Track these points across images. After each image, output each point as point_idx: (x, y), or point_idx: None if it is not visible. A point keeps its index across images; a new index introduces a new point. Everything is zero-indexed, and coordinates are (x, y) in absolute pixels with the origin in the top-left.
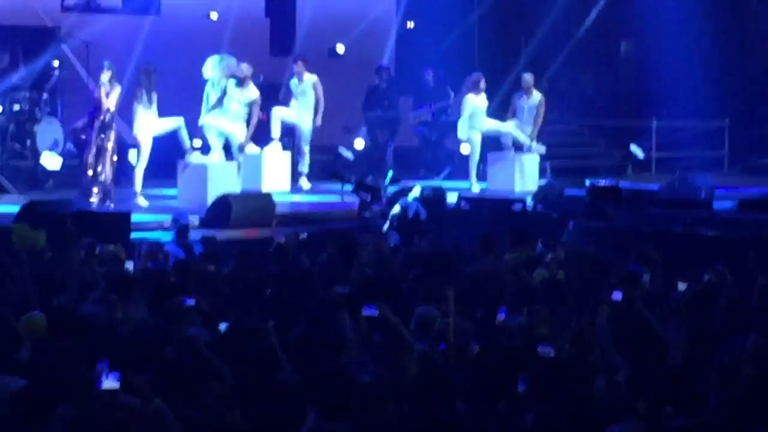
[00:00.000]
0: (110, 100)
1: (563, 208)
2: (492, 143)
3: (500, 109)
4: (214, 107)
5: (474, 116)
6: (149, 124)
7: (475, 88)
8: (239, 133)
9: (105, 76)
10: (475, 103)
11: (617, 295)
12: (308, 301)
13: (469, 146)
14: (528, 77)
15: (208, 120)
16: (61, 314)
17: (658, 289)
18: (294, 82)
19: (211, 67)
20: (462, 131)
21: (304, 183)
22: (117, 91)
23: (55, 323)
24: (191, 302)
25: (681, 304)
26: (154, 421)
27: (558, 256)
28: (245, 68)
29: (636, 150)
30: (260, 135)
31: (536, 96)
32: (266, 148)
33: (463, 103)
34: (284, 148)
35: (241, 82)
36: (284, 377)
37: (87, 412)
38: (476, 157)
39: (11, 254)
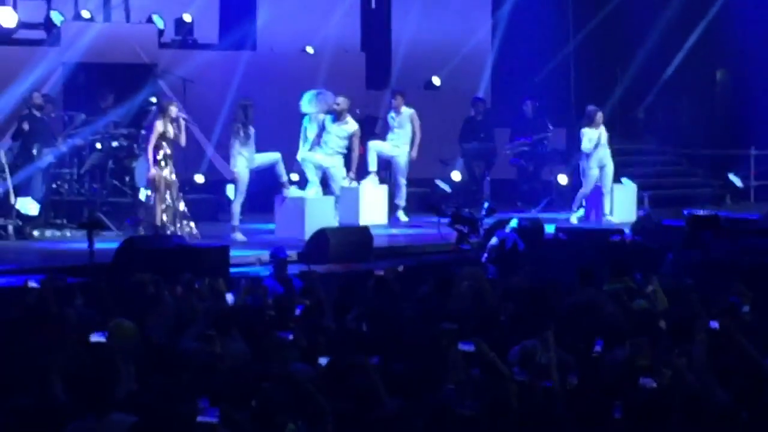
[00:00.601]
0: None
1: (662, 239)
2: None
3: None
4: (312, 142)
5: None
6: (247, 158)
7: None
8: (337, 166)
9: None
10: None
11: (715, 324)
12: (407, 336)
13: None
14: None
15: (305, 155)
16: (160, 350)
17: (757, 322)
18: (391, 115)
19: (308, 102)
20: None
21: (402, 216)
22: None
23: (154, 359)
24: (289, 337)
25: None
26: None
27: (657, 287)
28: (342, 102)
29: (734, 179)
30: (357, 168)
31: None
32: (363, 182)
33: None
34: (381, 181)
35: (338, 117)
36: (386, 412)
37: None
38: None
39: None
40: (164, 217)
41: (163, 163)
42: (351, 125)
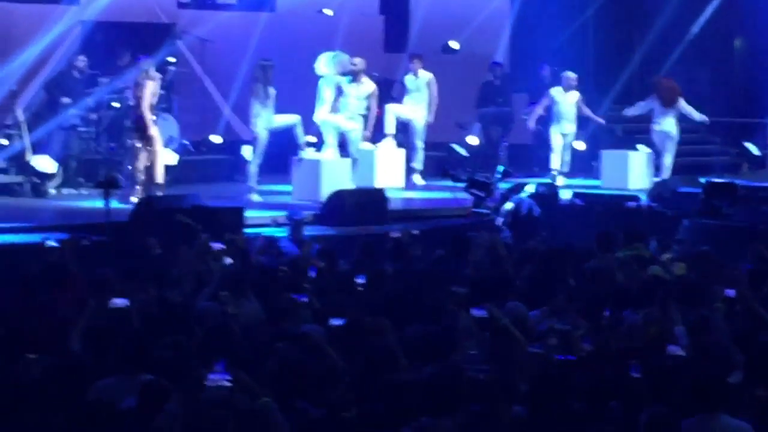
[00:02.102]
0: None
1: (678, 206)
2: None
3: (613, 108)
4: (331, 105)
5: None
6: (266, 119)
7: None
8: (356, 129)
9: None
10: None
11: (730, 293)
12: (423, 299)
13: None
14: None
15: (324, 116)
16: (175, 310)
17: None
18: (410, 78)
19: (324, 64)
20: None
21: (418, 179)
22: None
23: (170, 318)
24: (303, 299)
25: None
26: (262, 420)
27: (673, 253)
28: (358, 62)
29: (751, 147)
30: (374, 131)
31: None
32: (380, 145)
33: None
34: (398, 144)
35: (355, 78)
36: (402, 375)
37: (195, 410)
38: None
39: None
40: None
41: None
42: (368, 86)
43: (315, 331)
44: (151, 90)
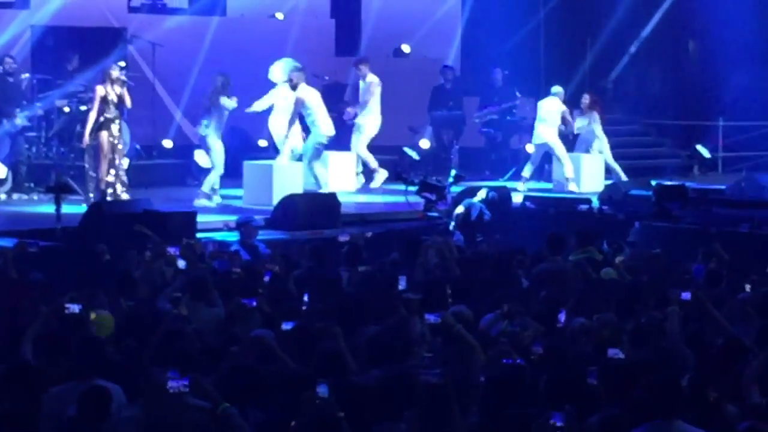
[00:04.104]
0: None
1: (629, 209)
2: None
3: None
4: (289, 114)
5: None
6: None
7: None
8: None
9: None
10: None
11: (686, 296)
12: (376, 303)
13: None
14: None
15: (283, 131)
16: (131, 315)
17: (725, 291)
18: (361, 83)
19: (281, 70)
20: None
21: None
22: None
23: (124, 324)
24: (253, 303)
25: (748, 306)
26: (223, 425)
27: (624, 256)
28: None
29: (702, 150)
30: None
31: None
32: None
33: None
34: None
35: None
36: (352, 379)
37: (155, 414)
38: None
39: None
40: (109, 179)
41: (105, 127)
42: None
43: (266, 335)
44: (101, 94)
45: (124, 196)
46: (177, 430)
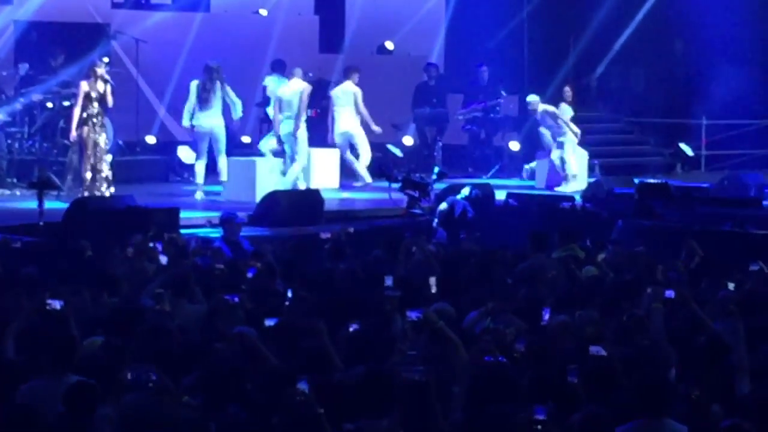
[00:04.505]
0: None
1: (612, 207)
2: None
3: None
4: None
5: None
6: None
7: None
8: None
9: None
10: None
11: (670, 293)
12: (358, 300)
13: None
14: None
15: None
16: (113, 312)
17: (707, 289)
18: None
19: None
20: None
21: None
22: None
23: (107, 321)
24: (235, 299)
25: (731, 304)
26: (196, 426)
27: (607, 254)
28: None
29: (685, 148)
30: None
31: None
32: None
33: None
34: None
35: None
36: (336, 376)
37: (129, 413)
38: None
39: None
40: (88, 176)
41: (88, 123)
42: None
43: (248, 332)
44: (84, 90)
45: (109, 192)
46: (151, 429)
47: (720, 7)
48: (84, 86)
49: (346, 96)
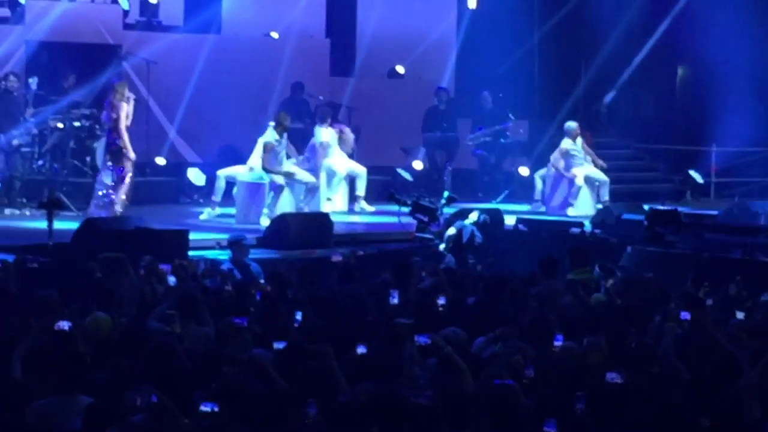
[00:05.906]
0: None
1: (621, 233)
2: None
3: (557, 135)
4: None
5: None
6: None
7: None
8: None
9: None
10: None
11: (685, 315)
12: (366, 323)
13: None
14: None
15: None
16: (121, 333)
17: (718, 316)
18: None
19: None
20: None
21: (365, 205)
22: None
23: (114, 341)
24: (244, 322)
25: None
26: None
27: (616, 280)
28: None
29: (695, 175)
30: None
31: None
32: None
33: None
34: None
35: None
36: (343, 398)
37: None
38: None
39: None
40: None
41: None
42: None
43: (261, 354)
44: (125, 111)
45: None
46: None
47: (729, 35)
48: (125, 107)
49: (333, 140)
